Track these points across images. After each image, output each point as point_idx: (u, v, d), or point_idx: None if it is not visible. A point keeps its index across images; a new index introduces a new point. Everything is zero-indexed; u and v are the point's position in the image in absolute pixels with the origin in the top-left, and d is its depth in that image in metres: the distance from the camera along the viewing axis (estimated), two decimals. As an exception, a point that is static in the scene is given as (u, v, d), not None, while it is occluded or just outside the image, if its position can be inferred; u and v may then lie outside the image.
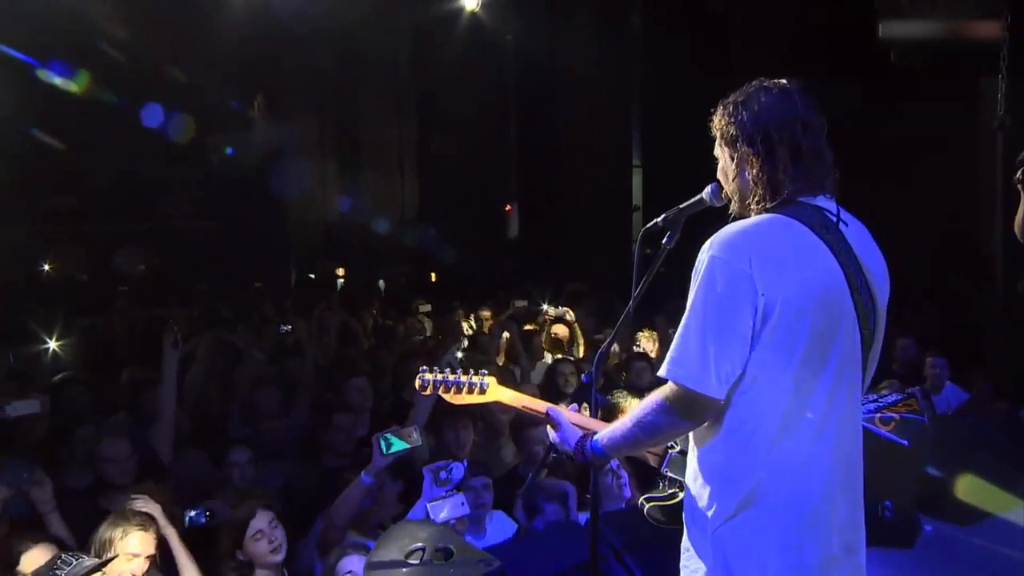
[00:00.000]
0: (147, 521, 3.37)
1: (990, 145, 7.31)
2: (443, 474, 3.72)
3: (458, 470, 3.71)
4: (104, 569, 3.03)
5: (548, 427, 2.34)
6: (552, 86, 13.07)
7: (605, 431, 2.18)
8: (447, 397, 2.40)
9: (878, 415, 3.69)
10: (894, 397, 3.87)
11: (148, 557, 3.29)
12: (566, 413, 2.32)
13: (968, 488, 3.60)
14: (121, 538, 3.24)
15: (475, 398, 2.39)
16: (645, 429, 2.06)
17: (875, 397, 3.89)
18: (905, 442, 3.53)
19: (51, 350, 7.09)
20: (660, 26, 10.81)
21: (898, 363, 6.59)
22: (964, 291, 8.27)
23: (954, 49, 7.24)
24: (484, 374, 2.41)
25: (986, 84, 7.22)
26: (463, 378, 2.39)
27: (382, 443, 3.64)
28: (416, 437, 3.73)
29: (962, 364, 6.53)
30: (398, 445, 3.67)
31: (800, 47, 8.80)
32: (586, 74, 11.72)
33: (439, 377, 2.41)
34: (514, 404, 2.42)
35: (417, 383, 2.43)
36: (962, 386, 6.23)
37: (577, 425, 2.28)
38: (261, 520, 3.47)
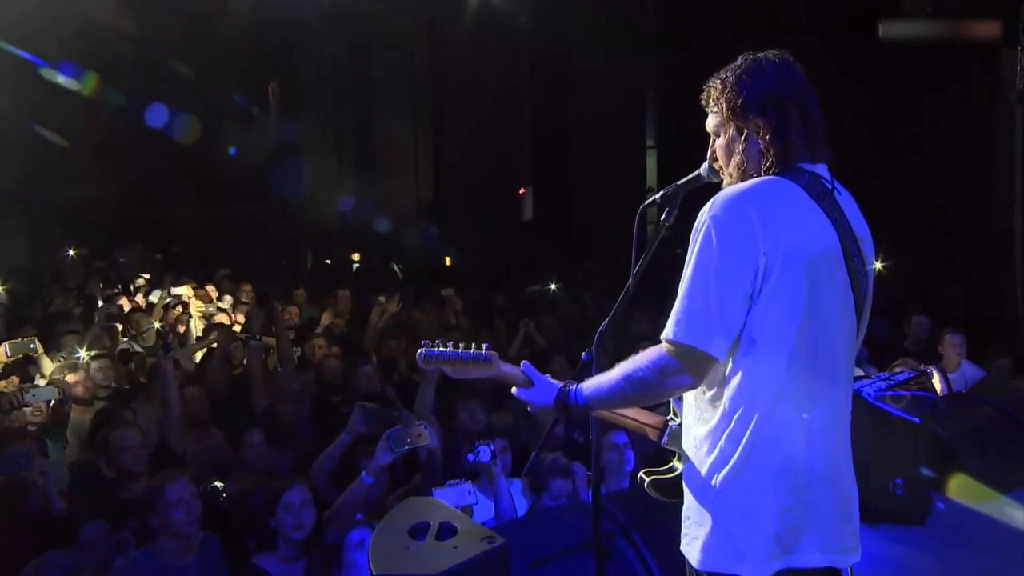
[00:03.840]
0: None
1: (1008, 119, 7.21)
2: (471, 456, 3.72)
3: (485, 453, 3.70)
4: None
5: (513, 388, 2.34)
6: (565, 68, 12.97)
7: (590, 382, 2.18)
8: (450, 371, 2.37)
9: (889, 393, 3.66)
10: (906, 375, 3.83)
11: None
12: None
13: (954, 485, 3.59)
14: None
15: (479, 371, 2.35)
16: (635, 385, 2.04)
17: (887, 375, 3.85)
18: (917, 419, 3.51)
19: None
20: (674, 6, 10.69)
21: (911, 340, 6.53)
22: (977, 273, 8.17)
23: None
24: (487, 347, 2.38)
25: (1005, 57, 7.10)
26: (466, 351, 2.35)
27: (391, 441, 3.59)
28: (425, 435, 3.66)
29: (979, 341, 6.45)
30: (406, 443, 3.61)
31: (816, 31, 8.67)
32: (599, 56, 11.63)
33: (442, 350, 2.36)
34: (514, 377, 2.38)
35: (420, 357, 2.38)
36: (979, 363, 6.15)
37: None
38: (296, 495, 3.49)
